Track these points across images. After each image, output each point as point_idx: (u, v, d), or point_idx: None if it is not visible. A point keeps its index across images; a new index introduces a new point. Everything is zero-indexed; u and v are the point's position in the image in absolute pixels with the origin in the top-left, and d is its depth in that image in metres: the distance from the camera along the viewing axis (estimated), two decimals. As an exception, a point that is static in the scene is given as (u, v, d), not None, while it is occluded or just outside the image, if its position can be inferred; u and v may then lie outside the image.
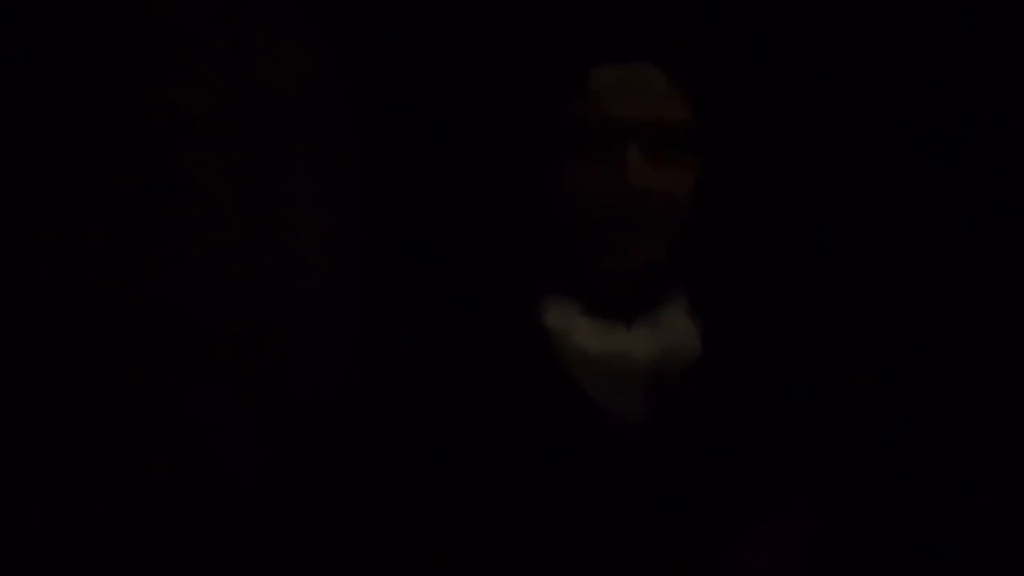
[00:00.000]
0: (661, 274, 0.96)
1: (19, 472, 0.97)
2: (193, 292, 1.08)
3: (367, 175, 1.23)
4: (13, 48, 0.98)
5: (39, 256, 0.99)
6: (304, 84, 1.17)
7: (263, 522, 1.10)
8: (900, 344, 1.20)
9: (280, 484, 1.12)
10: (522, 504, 0.93)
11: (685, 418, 0.94)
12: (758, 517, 0.95)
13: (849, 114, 1.23)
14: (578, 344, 0.94)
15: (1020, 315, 1.17)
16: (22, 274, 0.98)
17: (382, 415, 1.01)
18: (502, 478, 0.93)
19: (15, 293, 0.98)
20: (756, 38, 1.23)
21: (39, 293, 0.99)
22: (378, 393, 1.02)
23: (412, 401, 0.98)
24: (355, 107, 1.23)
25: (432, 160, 1.22)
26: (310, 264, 1.17)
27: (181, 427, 1.06)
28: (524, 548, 0.93)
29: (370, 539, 1.01)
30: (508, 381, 0.95)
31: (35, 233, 0.99)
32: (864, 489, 1.14)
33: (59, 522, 0.99)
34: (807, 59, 1.23)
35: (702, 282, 1.00)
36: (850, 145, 1.23)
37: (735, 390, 0.96)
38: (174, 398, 1.06)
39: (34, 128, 0.99)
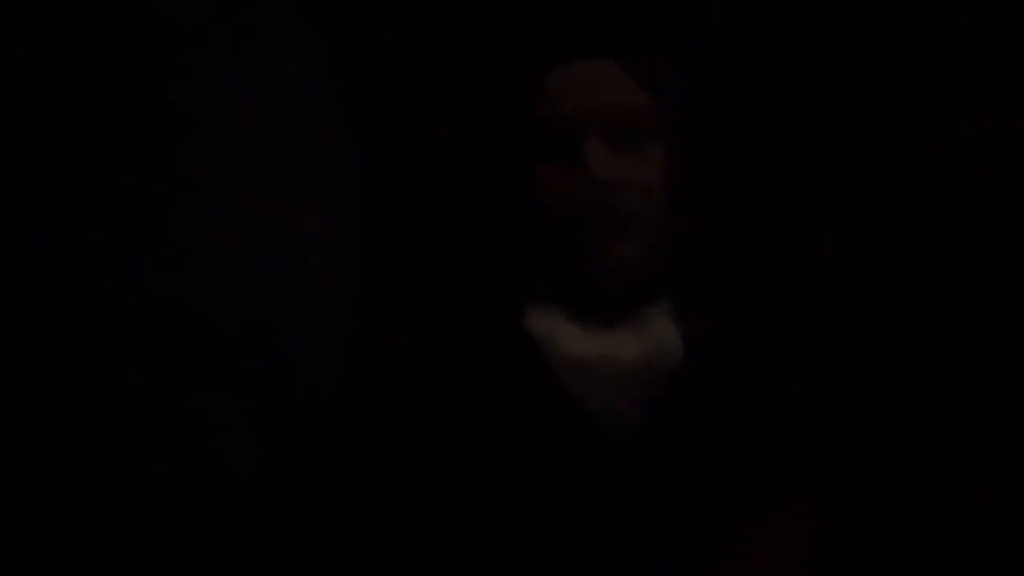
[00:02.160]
0: (646, 277, 0.96)
1: (20, 471, 0.97)
2: (193, 292, 1.08)
3: (367, 175, 1.23)
4: (13, 48, 0.98)
5: (40, 256, 0.99)
6: (304, 84, 1.17)
7: (263, 522, 1.10)
8: (900, 344, 1.20)
9: (280, 484, 1.12)
10: (522, 504, 0.93)
11: (684, 419, 0.94)
12: (758, 517, 0.95)
13: (849, 114, 1.23)
14: (561, 347, 0.94)
15: (1020, 315, 1.17)
16: (23, 274, 0.98)
17: (381, 415, 1.01)
18: (501, 478, 0.93)
19: (16, 293, 0.98)
20: (756, 38, 1.23)
21: (40, 293, 0.99)
22: (377, 393, 1.02)
23: (411, 401, 0.98)
24: (355, 107, 1.23)
25: (431, 161, 1.22)
26: (310, 264, 1.17)
27: (181, 427, 1.06)
28: (523, 548, 0.93)
29: (369, 539, 1.01)
30: (507, 382, 0.95)
31: (36, 233, 0.99)
32: (864, 489, 1.14)
33: (60, 521, 0.99)
34: (807, 59, 1.23)
35: (702, 282, 1.00)
36: (850, 145, 1.23)
37: (735, 390, 0.96)
38: (174, 398, 1.06)
39: (35, 128, 0.99)
